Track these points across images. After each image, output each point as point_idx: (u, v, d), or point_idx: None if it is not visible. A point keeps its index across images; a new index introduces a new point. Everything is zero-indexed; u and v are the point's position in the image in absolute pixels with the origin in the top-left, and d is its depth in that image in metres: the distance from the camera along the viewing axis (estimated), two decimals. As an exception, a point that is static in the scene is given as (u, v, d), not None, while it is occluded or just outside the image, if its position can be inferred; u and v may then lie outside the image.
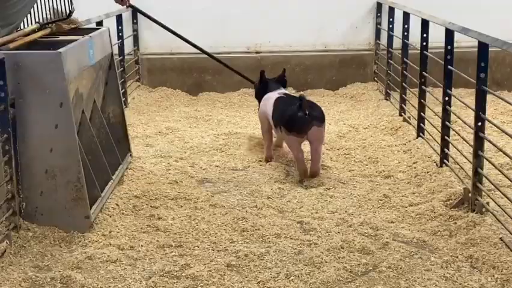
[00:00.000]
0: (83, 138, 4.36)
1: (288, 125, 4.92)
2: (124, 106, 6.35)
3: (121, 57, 7.17)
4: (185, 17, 7.82)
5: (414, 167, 5.11)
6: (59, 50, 3.94)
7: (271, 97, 5.39)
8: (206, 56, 7.63)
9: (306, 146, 5.12)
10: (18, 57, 3.87)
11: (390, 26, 7.23)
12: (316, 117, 4.90)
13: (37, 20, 4.72)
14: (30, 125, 3.90)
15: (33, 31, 4.53)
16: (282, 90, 5.56)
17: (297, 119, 4.85)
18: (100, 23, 6.06)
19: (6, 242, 3.71)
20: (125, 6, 5.48)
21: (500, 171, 4.11)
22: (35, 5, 4.76)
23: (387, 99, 7.18)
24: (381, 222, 4.19)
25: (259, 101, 5.69)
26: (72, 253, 3.78)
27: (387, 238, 3.94)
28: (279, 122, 5.06)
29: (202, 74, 7.94)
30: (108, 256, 3.72)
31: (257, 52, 8.02)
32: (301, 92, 5.36)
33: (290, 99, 5.26)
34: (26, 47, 4.28)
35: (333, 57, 8.00)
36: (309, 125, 4.85)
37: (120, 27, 7.22)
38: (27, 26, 4.71)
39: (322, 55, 8.01)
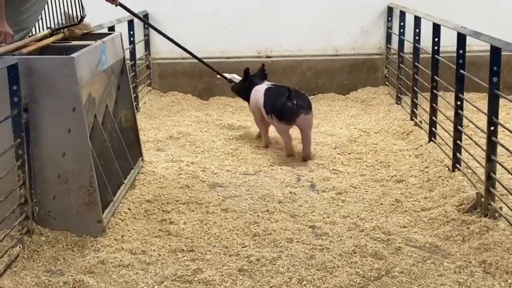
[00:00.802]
0: (96, 143, 4.37)
1: (278, 113, 5.52)
2: (136, 111, 6.37)
3: (133, 62, 7.19)
4: (194, 21, 7.84)
5: (426, 172, 5.09)
6: (72, 55, 3.95)
7: (260, 89, 5.90)
8: (217, 60, 7.67)
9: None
10: (31, 62, 3.88)
11: (401, 30, 7.21)
12: (303, 106, 5.48)
13: (49, 25, 4.74)
14: (43, 130, 3.91)
15: (46, 36, 4.55)
16: (269, 82, 6.11)
17: (286, 109, 5.45)
18: (111, 28, 6.08)
19: (20, 247, 3.72)
20: (114, 5, 5.46)
21: (513, 175, 4.08)
22: (47, 10, 4.77)
23: (398, 104, 7.16)
24: (393, 227, 4.17)
25: (244, 97, 6.24)
26: (84, 257, 3.79)
27: (399, 243, 3.92)
28: (270, 110, 5.63)
29: (212, 78, 7.93)
30: (120, 260, 3.72)
31: (268, 57, 8.01)
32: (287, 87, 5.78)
33: (278, 89, 5.81)
34: (38, 52, 4.30)
35: (343, 62, 7.99)
36: (298, 114, 5.43)
37: (132, 32, 7.24)
38: (39, 31, 4.73)
39: (333, 59, 8.00)
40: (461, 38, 4.83)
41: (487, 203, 4.15)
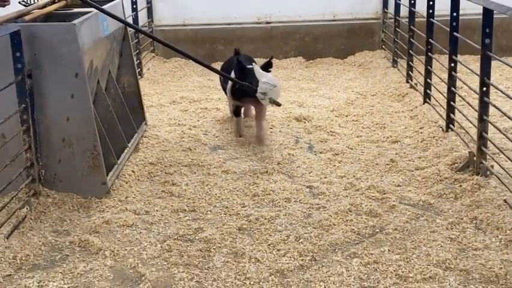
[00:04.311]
0: (99, 108, 4.33)
1: None
2: (139, 76, 6.32)
3: (136, 29, 7.09)
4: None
5: (421, 132, 5.05)
6: (73, 22, 3.89)
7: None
8: (218, 26, 7.61)
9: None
10: (34, 29, 3.83)
11: (398, -6, 7.10)
12: None
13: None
14: (47, 95, 3.88)
15: (49, 4, 4.48)
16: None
17: None
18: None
19: (27, 208, 3.72)
20: None
21: (504, 135, 4.05)
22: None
23: (394, 67, 7.09)
24: (388, 186, 4.15)
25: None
26: (90, 218, 3.78)
27: (394, 201, 3.91)
28: None
29: (214, 44, 7.86)
30: (124, 221, 3.72)
31: (267, 22, 7.92)
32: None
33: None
34: (42, 19, 4.24)
35: (341, 26, 7.89)
36: None
37: (134, 0, 7.14)
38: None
39: (331, 24, 7.90)
40: (455, 1, 4.75)
41: (479, 161, 4.11)
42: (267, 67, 4.94)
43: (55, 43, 3.83)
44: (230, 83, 4.96)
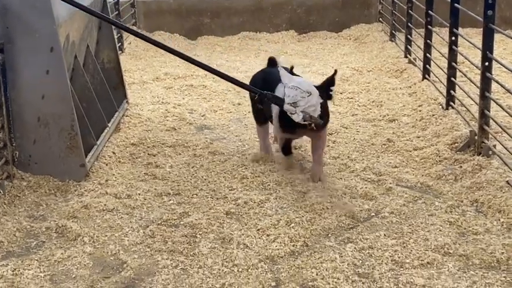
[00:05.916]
0: (77, 85, 4.31)
1: None
2: (120, 51, 6.29)
3: (116, 0, 7.05)
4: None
5: (420, 110, 5.07)
6: (47, -8, 3.86)
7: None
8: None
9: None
10: (5, 0, 3.79)
11: (396, -37, 7.08)
12: None
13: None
14: (21, 71, 3.85)
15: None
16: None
17: None
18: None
19: (0, 192, 3.71)
20: None
21: (507, 113, 4.05)
22: None
23: (392, 41, 7.09)
24: (384, 167, 4.17)
25: None
26: (67, 202, 3.78)
27: (390, 183, 3.93)
28: None
29: (200, 17, 7.84)
30: (105, 205, 3.72)
31: (257, -7, 7.89)
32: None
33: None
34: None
35: (336, -2, 7.88)
36: None
37: (114, -31, 7.08)
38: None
39: (324, -5, 7.89)
40: (456, -30, 4.75)
41: (481, 141, 4.13)
42: (328, 86, 3.85)
43: (28, 15, 3.80)
44: (276, 111, 3.95)
